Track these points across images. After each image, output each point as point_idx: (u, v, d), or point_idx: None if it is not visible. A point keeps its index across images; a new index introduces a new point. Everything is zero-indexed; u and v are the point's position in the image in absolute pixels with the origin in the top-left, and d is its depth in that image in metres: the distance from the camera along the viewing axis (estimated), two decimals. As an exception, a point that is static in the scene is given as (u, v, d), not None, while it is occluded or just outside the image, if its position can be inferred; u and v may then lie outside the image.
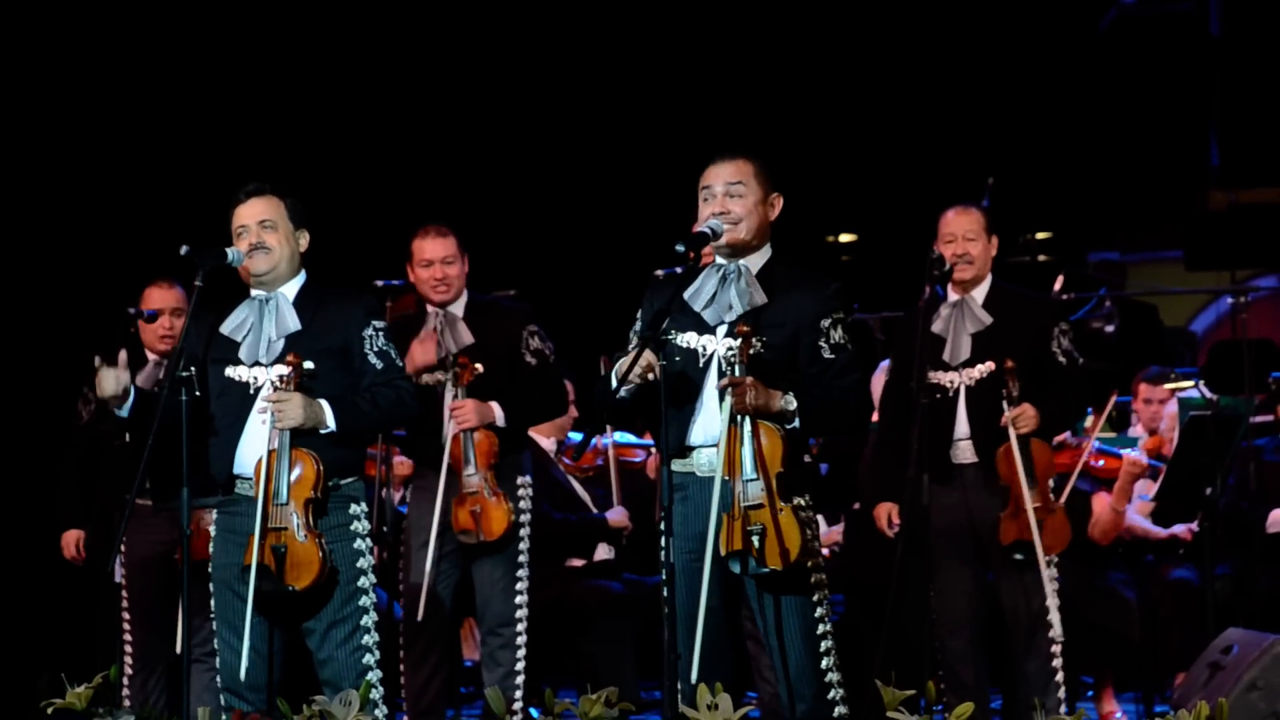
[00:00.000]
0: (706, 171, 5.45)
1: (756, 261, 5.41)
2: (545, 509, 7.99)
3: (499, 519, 6.90)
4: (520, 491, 7.05)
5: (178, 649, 6.94)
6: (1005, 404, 6.63)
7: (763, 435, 5.18)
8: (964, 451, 6.76)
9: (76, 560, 7.49)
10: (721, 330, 5.33)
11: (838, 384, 5.32)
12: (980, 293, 6.82)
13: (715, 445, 5.24)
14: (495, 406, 6.95)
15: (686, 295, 5.39)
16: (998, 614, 6.86)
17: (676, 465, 5.34)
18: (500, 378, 6.99)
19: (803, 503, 5.28)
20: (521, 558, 7.03)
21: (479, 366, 6.92)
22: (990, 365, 6.72)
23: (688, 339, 5.37)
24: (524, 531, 7.03)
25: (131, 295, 7.40)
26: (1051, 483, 6.79)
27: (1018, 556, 6.70)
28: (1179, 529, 8.18)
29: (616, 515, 8.30)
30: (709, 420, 5.29)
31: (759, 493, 5.17)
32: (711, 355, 5.32)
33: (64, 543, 7.51)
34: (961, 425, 6.74)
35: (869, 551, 7.98)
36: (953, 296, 6.85)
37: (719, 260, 5.43)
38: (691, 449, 5.34)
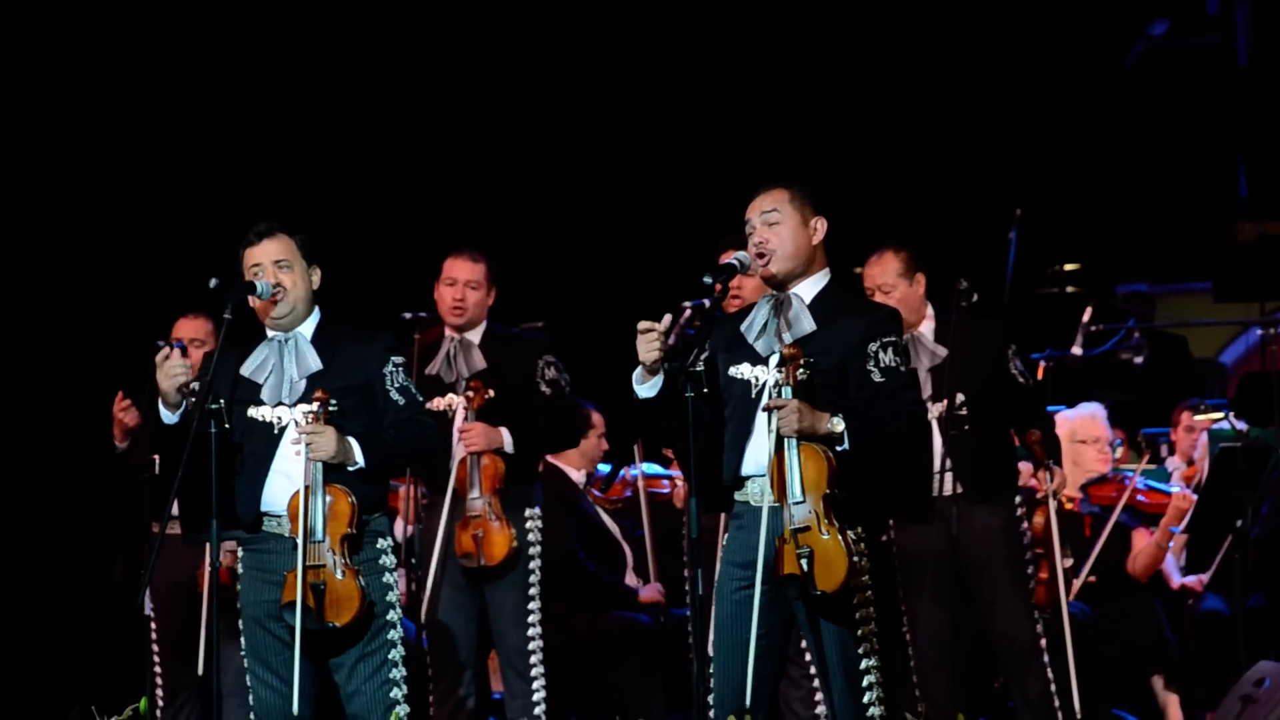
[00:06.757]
0: (748, 207, 5.46)
1: (810, 289, 5.39)
2: (580, 555, 7.97)
3: (500, 544, 6.85)
4: (528, 524, 6.98)
5: (199, 671, 6.97)
6: (1043, 472, 6.79)
7: (809, 458, 5.15)
8: (942, 484, 6.79)
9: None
10: (774, 360, 5.30)
11: (889, 406, 5.26)
12: (927, 328, 6.87)
13: (766, 474, 5.21)
14: (504, 432, 6.93)
15: (742, 328, 5.40)
16: (988, 644, 6.93)
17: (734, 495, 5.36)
18: (512, 405, 6.96)
19: (854, 533, 5.22)
20: (532, 590, 6.96)
21: (491, 392, 6.90)
22: (960, 397, 6.76)
23: (741, 370, 5.37)
24: (534, 564, 6.96)
25: (163, 327, 7.42)
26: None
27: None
28: (1190, 580, 8.19)
29: (649, 592, 8.22)
30: (760, 449, 5.26)
31: (805, 515, 5.14)
32: (763, 386, 5.30)
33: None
34: (936, 459, 6.77)
35: (883, 579, 7.98)
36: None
37: (771, 291, 5.43)
38: (745, 479, 5.33)
